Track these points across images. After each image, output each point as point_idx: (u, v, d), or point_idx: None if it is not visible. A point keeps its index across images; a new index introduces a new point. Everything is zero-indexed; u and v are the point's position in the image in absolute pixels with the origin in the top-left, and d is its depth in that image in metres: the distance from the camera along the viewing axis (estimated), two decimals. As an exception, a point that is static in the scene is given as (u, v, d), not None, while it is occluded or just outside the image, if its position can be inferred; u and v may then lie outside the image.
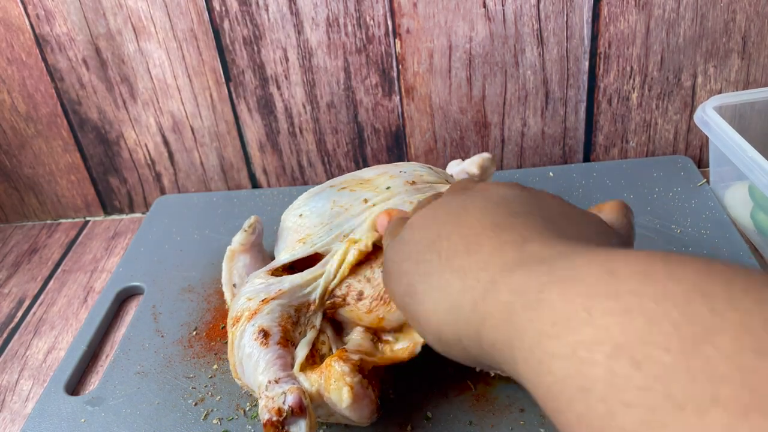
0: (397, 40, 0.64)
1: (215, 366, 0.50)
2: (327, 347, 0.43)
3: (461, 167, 0.57)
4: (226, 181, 0.74)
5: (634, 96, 0.66)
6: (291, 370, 0.40)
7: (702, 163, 0.70)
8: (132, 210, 0.77)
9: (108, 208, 0.77)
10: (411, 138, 0.70)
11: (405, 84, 0.66)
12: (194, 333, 0.53)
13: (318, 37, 0.64)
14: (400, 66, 0.65)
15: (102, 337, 0.56)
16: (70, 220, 0.77)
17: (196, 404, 0.47)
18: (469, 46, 0.64)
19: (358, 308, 0.43)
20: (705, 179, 0.63)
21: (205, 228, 0.67)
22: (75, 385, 0.52)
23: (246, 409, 0.46)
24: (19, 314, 0.62)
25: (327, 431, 0.44)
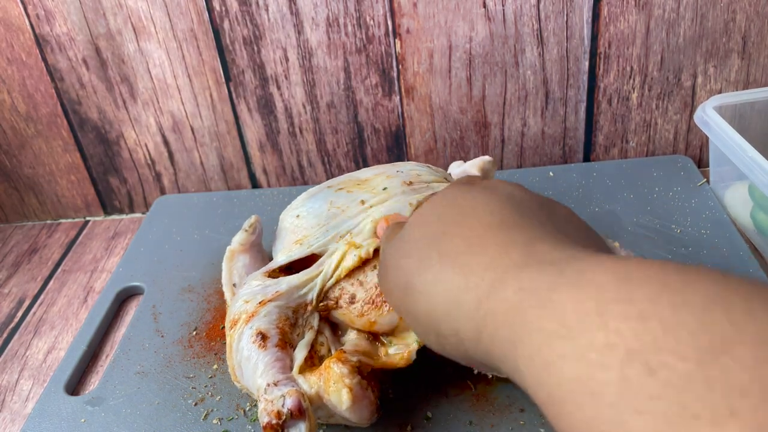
0: (397, 40, 0.64)
1: (215, 366, 0.50)
2: (326, 348, 0.43)
3: (462, 168, 0.58)
4: (226, 181, 0.74)
5: (634, 96, 0.66)
6: (290, 373, 0.40)
7: (702, 163, 0.70)
8: (132, 210, 0.77)
9: (108, 208, 0.77)
10: (411, 138, 0.70)
11: (405, 84, 0.66)
12: (194, 333, 0.53)
13: (318, 37, 0.64)
14: (400, 66, 0.65)
15: (102, 337, 0.56)
16: (70, 220, 0.77)
17: (196, 404, 0.47)
18: (469, 46, 0.64)
19: (350, 311, 0.43)
20: (705, 179, 0.63)
21: (205, 228, 0.67)
22: (75, 385, 0.52)
23: (246, 409, 0.46)
24: (19, 314, 0.62)
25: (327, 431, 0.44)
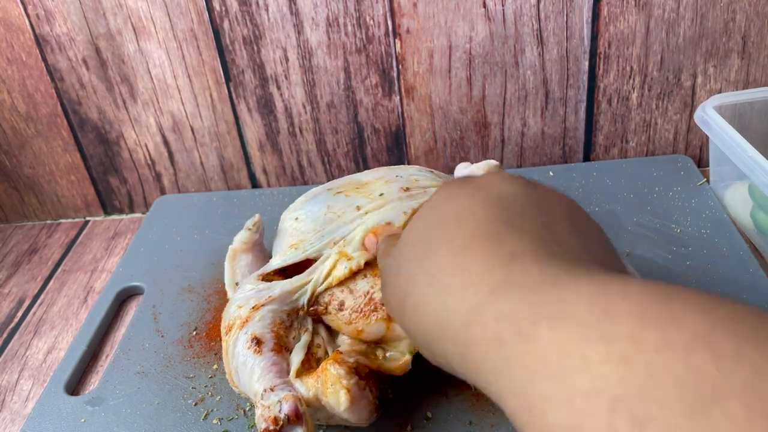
0: (397, 40, 0.64)
1: (215, 366, 0.50)
2: (322, 350, 0.43)
3: (469, 170, 0.57)
4: (226, 181, 0.74)
5: (634, 96, 0.66)
6: (287, 377, 0.40)
7: (702, 163, 0.70)
8: (132, 210, 0.77)
9: (108, 208, 0.77)
10: (411, 138, 0.70)
11: (405, 84, 0.66)
12: (194, 333, 0.53)
13: (318, 37, 0.64)
14: (400, 66, 0.65)
15: (102, 337, 0.56)
16: (70, 220, 0.77)
17: (196, 404, 0.47)
18: (469, 46, 0.64)
19: (338, 318, 0.43)
20: (705, 179, 0.63)
21: (205, 228, 0.67)
22: (75, 385, 0.52)
23: (246, 410, 0.46)
24: (19, 314, 0.62)
25: None
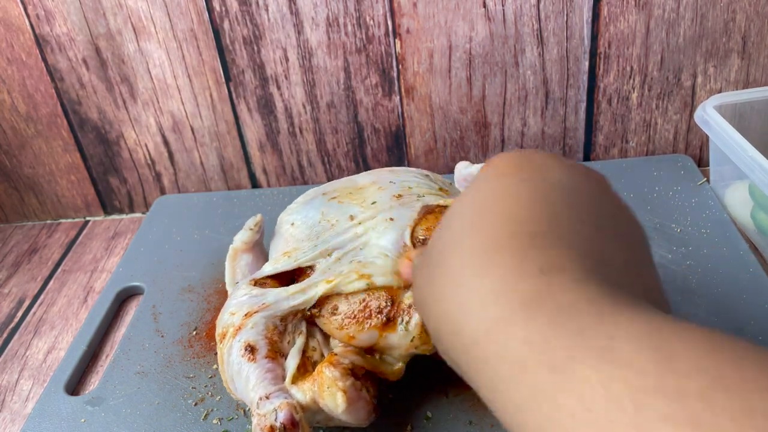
0: (397, 40, 0.64)
1: (215, 366, 0.50)
2: (318, 353, 0.43)
3: (469, 171, 0.57)
4: (226, 181, 0.74)
5: (634, 96, 0.66)
6: (282, 383, 0.40)
7: (702, 162, 0.70)
8: (132, 210, 0.77)
9: (108, 208, 0.77)
10: (411, 138, 0.70)
11: (405, 84, 0.66)
12: (194, 333, 0.53)
13: (318, 37, 0.64)
14: (400, 66, 0.65)
15: (102, 337, 0.56)
16: (70, 220, 0.77)
17: (196, 404, 0.47)
18: (469, 46, 0.64)
19: (331, 322, 0.43)
20: (705, 178, 0.63)
21: (205, 228, 0.67)
22: (75, 385, 0.52)
23: (246, 410, 0.46)
24: (19, 314, 0.62)
25: None
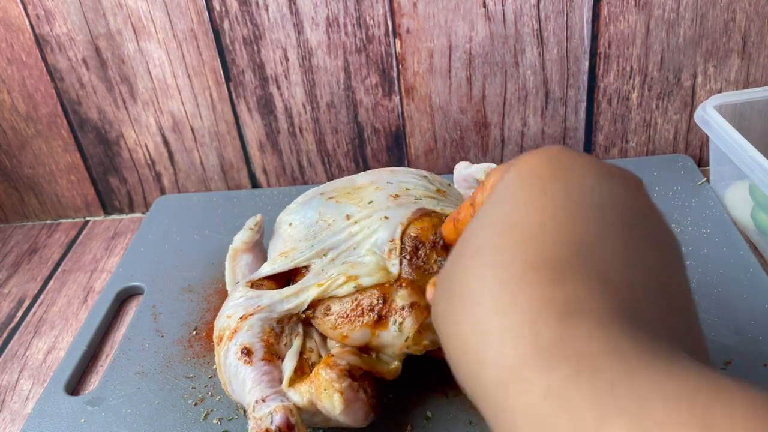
0: (397, 40, 0.64)
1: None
2: (315, 354, 0.43)
3: (468, 171, 0.57)
4: (226, 181, 0.74)
5: (634, 96, 0.66)
6: (279, 386, 0.40)
7: (702, 162, 0.70)
8: (132, 210, 0.77)
9: (108, 208, 0.77)
10: (411, 138, 0.70)
11: (405, 84, 0.66)
12: (194, 333, 0.53)
13: (318, 37, 0.64)
14: (400, 66, 0.65)
15: (102, 337, 0.56)
16: (70, 220, 0.77)
17: (196, 404, 0.47)
18: (469, 46, 0.64)
19: (325, 323, 0.43)
20: (705, 178, 0.63)
21: (205, 228, 0.67)
22: (75, 385, 0.52)
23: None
24: (19, 314, 0.62)
25: None
